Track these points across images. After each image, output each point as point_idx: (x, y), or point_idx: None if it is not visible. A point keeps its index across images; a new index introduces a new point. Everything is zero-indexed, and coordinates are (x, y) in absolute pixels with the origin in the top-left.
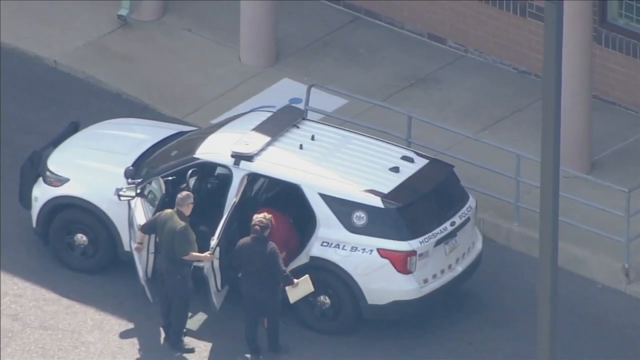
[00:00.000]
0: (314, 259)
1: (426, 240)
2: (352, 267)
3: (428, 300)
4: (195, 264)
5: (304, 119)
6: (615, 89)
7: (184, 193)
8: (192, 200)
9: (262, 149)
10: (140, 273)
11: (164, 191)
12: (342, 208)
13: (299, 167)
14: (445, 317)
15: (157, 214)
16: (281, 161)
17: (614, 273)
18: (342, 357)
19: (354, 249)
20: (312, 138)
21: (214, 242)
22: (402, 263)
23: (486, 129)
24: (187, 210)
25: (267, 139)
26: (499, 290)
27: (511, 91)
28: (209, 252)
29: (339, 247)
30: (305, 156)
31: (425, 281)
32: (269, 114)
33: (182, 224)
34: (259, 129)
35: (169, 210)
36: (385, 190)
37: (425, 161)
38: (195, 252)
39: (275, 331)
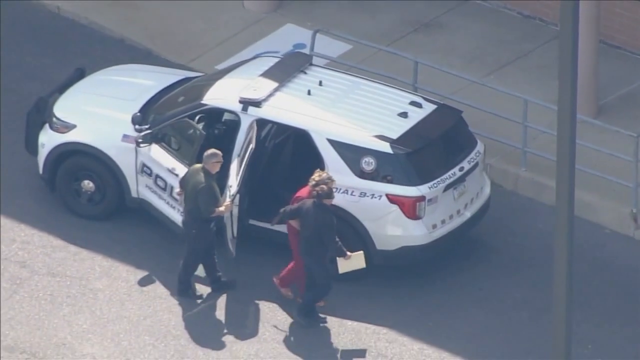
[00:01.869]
0: None
1: (435, 185)
2: (361, 213)
3: (437, 246)
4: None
5: (311, 64)
6: (620, 33)
7: (211, 151)
8: (219, 158)
9: (270, 95)
10: (228, 232)
11: (200, 131)
12: (351, 154)
13: (307, 112)
14: (454, 264)
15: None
16: (289, 107)
17: (622, 218)
18: (352, 302)
19: (362, 194)
20: (320, 84)
21: (233, 189)
22: (411, 208)
23: (491, 74)
24: (213, 168)
25: (275, 84)
26: (507, 236)
27: (516, 36)
28: (229, 200)
29: (347, 193)
30: (313, 102)
31: (434, 227)
32: (276, 60)
33: (204, 182)
34: (267, 74)
35: (197, 166)
36: (394, 136)
37: (434, 106)
38: (218, 207)
39: (311, 305)
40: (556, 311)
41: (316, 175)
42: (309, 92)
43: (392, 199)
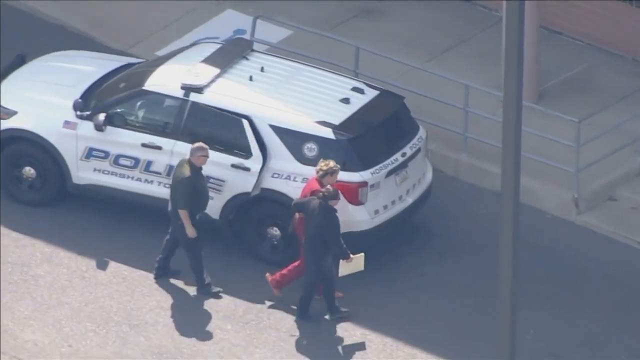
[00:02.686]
0: (265, 190)
1: (377, 171)
2: None
3: (379, 231)
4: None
5: (252, 50)
6: (561, 18)
7: (197, 144)
8: (205, 152)
9: (212, 81)
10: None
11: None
12: (293, 139)
13: (249, 98)
14: (396, 249)
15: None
16: (231, 93)
17: (563, 203)
18: (293, 288)
19: (305, 180)
20: (262, 70)
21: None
22: (353, 194)
23: (432, 60)
24: (198, 162)
25: (217, 70)
26: (448, 221)
27: (457, 22)
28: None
29: (290, 179)
30: (255, 88)
31: (377, 212)
32: (218, 46)
33: (186, 175)
34: (208, 60)
35: (185, 158)
36: (336, 122)
37: (376, 92)
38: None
39: (331, 297)
40: (501, 297)
41: (323, 165)
42: (250, 78)
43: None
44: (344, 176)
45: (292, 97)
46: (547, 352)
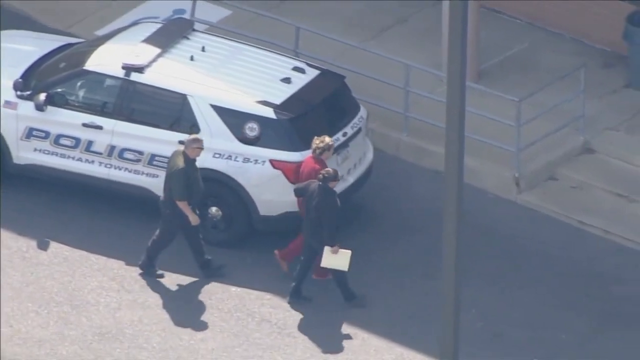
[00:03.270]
0: (206, 170)
1: None
2: (245, 179)
3: None
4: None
5: (193, 30)
6: None
7: (193, 136)
8: (200, 144)
9: (153, 61)
10: None
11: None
12: (234, 119)
13: (190, 78)
14: (339, 229)
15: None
16: (172, 73)
17: (504, 183)
18: (236, 267)
19: (246, 160)
20: (203, 49)
21: None
22: (294, 174)
23: (372, 39)
24: (193, 154)
25: (158, 50)
26: (389, 201)
27: (395, 0)
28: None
29: (231, 159)
30: (196, 67)
31: None
32: (159, 26)
33: (180, 166)
34: (149, 40)
35: (179, 149)
36: (278, 101)
37: (317, 72)
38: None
39: (343, 281)
40: (445, 277)
41: (318, 142)
42: (191, 58)
43: (276, 164)
44: (284, 156)
45: (233, 77)
46: (489, 331)
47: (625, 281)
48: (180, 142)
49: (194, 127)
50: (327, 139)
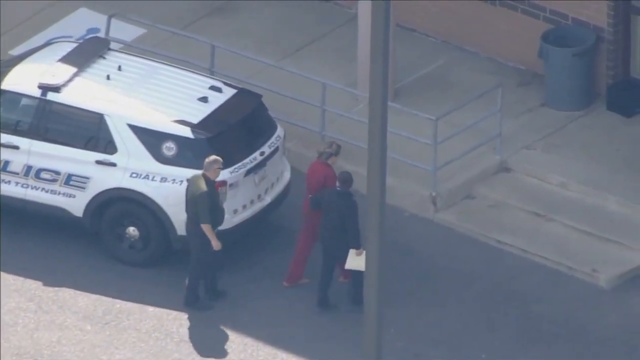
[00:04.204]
0: (123, 190)
1: (236, 170)
2: (162, 198)
3: (238, 230)
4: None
5: (109, 49)
6: (415, 15)
7: (212, 157)
8: (220, 164)
9: (69, 80)
10: None
11: None
12: (152, 139)
13: (107, 97)
14: (255, 248)
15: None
16: (89, 92)
17: (421, 201)
18: (153, 288)
19: (163, 179)
20: (119, 68)
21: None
22: None
23: (287, 58)
24: (213, 175)
25: (74, 69)
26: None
27: (311, 19)
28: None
29: (148, 179)
30: (112, 87)
31: (235, 212)
32: (75, 45)
33: (203, 189)
34: (65, 59)
35: (198, 173)
36: (195, 121)
37: (234, 91)
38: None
39: (359, 284)
40: (367, 296)
41: (326, 147)
42: (108, 77)
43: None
44: None
45: (150, 96)
46: (408, 350)
47: (544, 300)
48: (98, 162)
49: (110, 147)
50: (334, 144)
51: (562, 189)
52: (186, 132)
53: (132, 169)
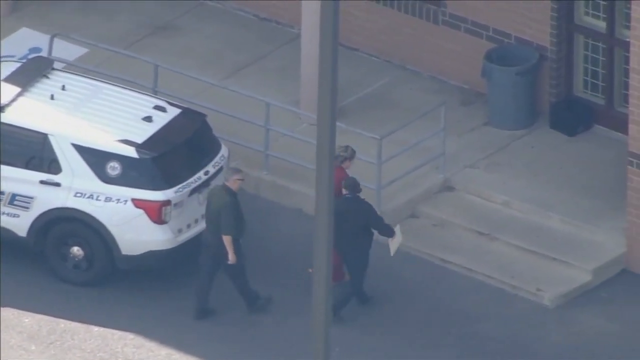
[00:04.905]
0: (67, 210)
1: (181, 189)
2: (106, 218)
3: (183, 250)
4: None
5: (53, 69)
6: (357, 35)
7: (233, 167)
8: (241, 175)
9: (13, 100)
10: None
11: None
12: (96, 158)
13: (51, 117)
14: (199, 268)
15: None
16: (33, 112)
17: None
18: (98, 307)
19: (108, 199)
20: (63, 88)
21: None
22: (156, 213)
23: (230, 77)
24: (235, 185)
25: (18, 89)
26: (250, 239)
27: (253, 38)
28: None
29: (92, 198)
30: (56, 106)
31: (180, 231)
32: (18, 65)
33: (228, 201)
34: (9, 79)
35: (218, 185)
36: (139, 140)
37: (178, 110)
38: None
39: (360, 286)
40: (315, 314)
41: (341, 151)
42: (52, 97)
43: (138, 203)
44: (147, 195)
45: (94, 116)
46: None
47: (488, 318)
48: (42, 182)
49: (55, 166)
50: (349, 148)
51: (506, 208)
52: (130, 151)
53: (76, 189)
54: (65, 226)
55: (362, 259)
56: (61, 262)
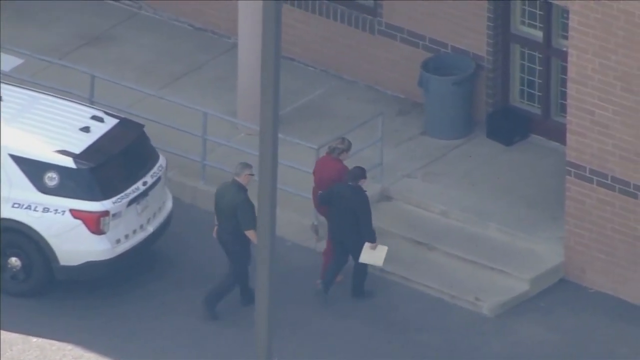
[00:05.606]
0: (5, 220)
1: (119, 200)
2: (44, 229)
3: (121, 260)
4: None
5: None
6: (294, 45)
7: (243, 162)
8: (250, 171)
9: None
10: None
11: None
12: (34, 169)
13: None
14: (139, 278)
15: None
16: None
17: (303, 230)
18: (36, 318)
19: (46, 210)
20: (0, 99)
21: None
22: (95, 223)
23: (167, 87)
24: (246, 180)
25: None
26: (187, 249)
27: (188, 48)
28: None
29: (30, 209)
30: None
31: (118, 241)
32: None
33: (242, 196)
34: None
35: (227, 182)
36: (77, 151)
37: (116, 121)
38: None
39: (362, 276)
40: (257, 329)
41: (338, 143)
42: None
43: (76, 214)
44: (85, 205)
45: (31, 126)
46: None
47: (427, 328)
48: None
49: None
50: (346, 140)
51: (444, 217)
52: (68, 162)
53: (14, 200)
54: (3, 237)
55: (355, 249)
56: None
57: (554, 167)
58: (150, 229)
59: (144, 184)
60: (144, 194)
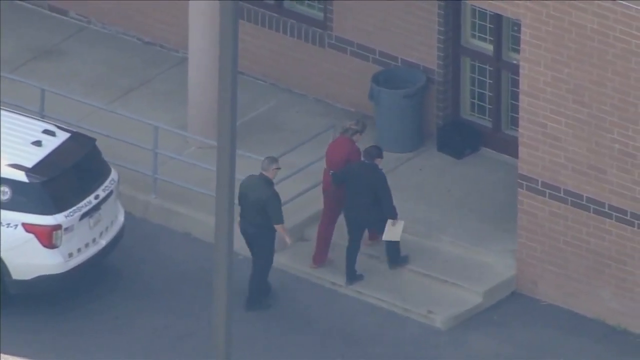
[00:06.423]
0: None
1: (71, 214)
2: None
3: (73, 274)
4: None
5: None
6: (243, 58)
7: (270, 157)
8: (277, 165)
9: None
10: None
11: None
12: None
13: None
14: (90, 292)
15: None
16: None
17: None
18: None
19: None
20: None
21: None
22: (47, 237)
23: (116, 101)
24: (272, 175)
25: None
26: (139, 263)
27: (138, 62)
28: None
29: None
30: None
31: (71, 255)
32: None
33: (271, 190)
34: None
35: (253, 176)
36: (29, 164)
37: (67, 134)
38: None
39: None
40: (215, 339)
41: (352, 125)
42: None
43: (28, 228)
44: (37, 219)
45: None
46: None
47: (380, 342)
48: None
49: None
50: (362, 121)
51: None
52: (20, 176)
53: None
54: None
55: (375, 226)
56: None
57: (504, 180)
58: (103, 242)
59: (96, 197)
60: (96, 207)
